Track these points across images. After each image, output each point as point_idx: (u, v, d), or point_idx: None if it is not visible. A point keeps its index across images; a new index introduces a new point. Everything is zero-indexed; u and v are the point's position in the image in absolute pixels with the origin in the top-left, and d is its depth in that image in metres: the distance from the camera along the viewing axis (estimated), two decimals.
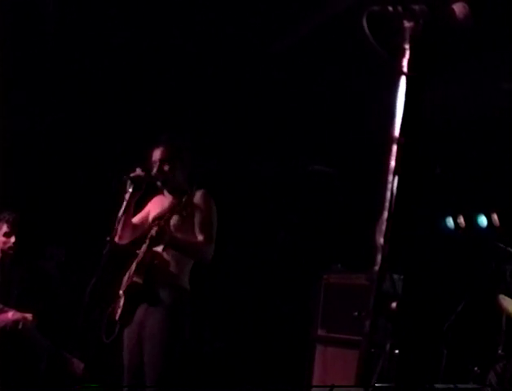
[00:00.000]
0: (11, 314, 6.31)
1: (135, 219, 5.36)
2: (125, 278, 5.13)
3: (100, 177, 6.12)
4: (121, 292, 5.08)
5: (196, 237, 5.06)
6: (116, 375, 5.16)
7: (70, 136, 7.69)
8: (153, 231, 4.95)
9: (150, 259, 4.97)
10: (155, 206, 5.38)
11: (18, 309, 6.38)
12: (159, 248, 5.00)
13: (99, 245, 5.00)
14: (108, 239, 4.94)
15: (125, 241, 5.28)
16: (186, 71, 7.38)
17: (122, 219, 5.11)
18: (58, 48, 7.01)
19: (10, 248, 6.54)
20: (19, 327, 6.25)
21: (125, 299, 5.03)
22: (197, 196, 5.13)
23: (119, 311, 5.04)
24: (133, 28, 6.84)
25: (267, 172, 8.53)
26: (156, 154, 5.22)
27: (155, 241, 4.95)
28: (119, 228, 5.15)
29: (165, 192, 5.30)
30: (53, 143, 7.68)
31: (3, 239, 6.53)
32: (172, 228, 4.99)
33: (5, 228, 6.53)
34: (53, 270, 7.32)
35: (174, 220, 4.98)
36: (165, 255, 5.01)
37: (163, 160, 5.18)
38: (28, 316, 6.34)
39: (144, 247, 5.03)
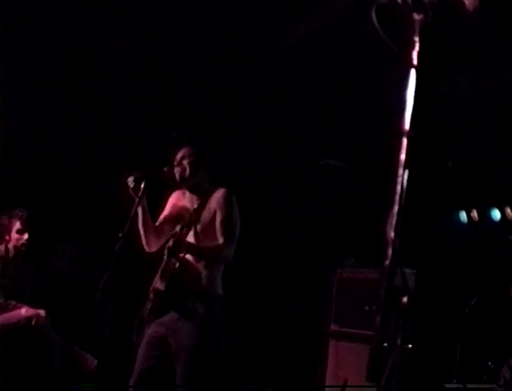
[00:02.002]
0: (24, 311, 6.33)
1: (157, 222, 5.39)
2: (155, 278, 5.13)
3: (112, 174, 6.11)
4: (151, 295, 5.10)
5: (217, 238, 5.07)
6: (130, 372, 5.16)
7: (82, 132, 7.70)
8: (170, 242, 4.95)
9: (172, 266, 4.96)
10: (174, 205, 5.38)
11: (31, 305, 6.40)
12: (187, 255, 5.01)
13: (111, 241, 5.00)
14: (121, 235, 4.94)
15: (154, 248, 5.29)
16: (188, 69, 7.38)
17: (142, 226, 5.16)
18: (58, 47, 7.03)
19: (23, 244, 6.56)
20: (33, 323, 6.27)
21: (152, 303, 5.04)
22: (218, 196, 5.13)
23: (147, 313, 5.06)
24: (134, 26, 6.85)
25: (279, 167, 8.51)
26: (179, 153, 5.23)
27: (172, 252, 4.95)
28: (143, 236, 5.20)
29: (186, 191, 5.30)
30: (64, 140, 7.68)
31: (16, 235, 6.55)
32: (192, 237, 5.00)
33: (18, 225, 6.55)
34: (65, 267, 7.33)
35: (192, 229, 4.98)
36: (192, 262, 5.03)
37: (183, 157, 5.19)
38: (41, 312, 6.36)
39: (166, 254, 5.04)
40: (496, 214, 8.34)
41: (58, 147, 7.67)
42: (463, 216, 8.64)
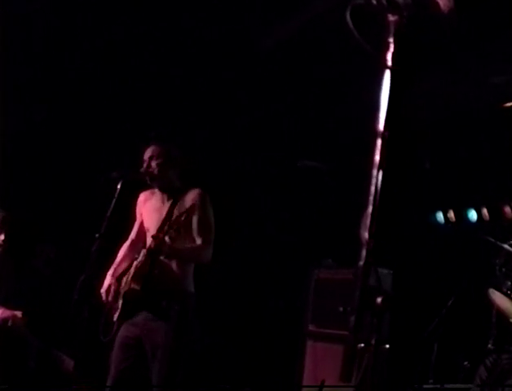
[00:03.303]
0: (0, 312, 6.29)
1: (133, 235, 5.41)
2: (125, 279, 5.11)
3: (89, 175, 6.09)
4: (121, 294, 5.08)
5: (194, 239, 5.06)
6: (107, 373, 5.15)
7: (58, 134, 7.66)
8: (152, 243, 4.93)
9: (150, 268, 4.94)
10: (148, 210, 5.36)
11: (7, 306, 6.36)
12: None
13: (89, 242, 4.99)
14: (97, 236, 4.93)
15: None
16: (173, 69, 7.37)
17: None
18: (50, 49, 7.01)
19: None
20: (9, 324, 6.25)
21: (123, 303, 5.02)
22: (193, 196, 5.11)
23: (117, 313, 5.03)
24: (122, 26, 6.84)
25: (255, 167, 8.52)
26: (148, 152, 5.21)
27: (153, 253, 4.92)
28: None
29: (156, 191, 5.28)
30: (41, 142, 7.64)
31: None
32: (169, 240, 4.96)
33: None
34: (43, 268, 7.28)
35: (171, 233, 4.95)
36: (166, 261, 5.01)
37: (152, 157, 5.17)
38: (18, 314, 6.33)
39: (143, 255, 5.01)
40: (473, 215, 8.38)
41: (35, 147, 7.63)
42: (440, 216, 8.68)
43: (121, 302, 5.02)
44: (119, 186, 5.03)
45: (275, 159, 8.49)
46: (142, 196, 5.41)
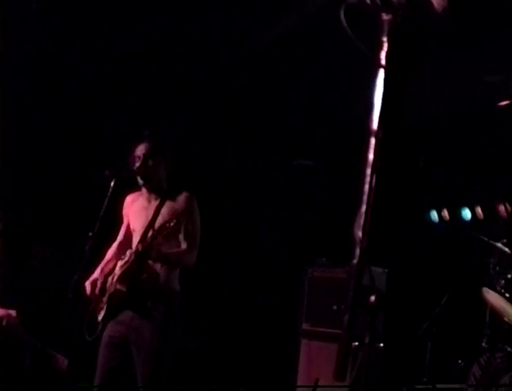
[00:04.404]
0: None
1: (121, 236, 5.38)
2: (110, 279, 5.09)
3: (82, 174, 6.08)
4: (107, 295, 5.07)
5: (180, 243, 5.04)
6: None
7: (52, 134, 7.65)
8: (139, 246, 4.92)
9: (137, 271, 4.94)
10: (135, 210, 5.33)
11: (2, 305, 6.35)
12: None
13: (82, 241, 4.98)
14: (91, 234, 4.92)
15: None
16: (169, 68, 7.37)
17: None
18: (46, 49, 7.00)
19: None
20: (3, 323, 6.23)
21: (108, 304, 5.01)
22: (181, 199, 5.10)
23: (102, 313, 5.02)
24: (120, 25, 6.83)
25: (251, 166, 8.52)
26: (140, 149, 5.17)
27: (141, 257, 4.92)
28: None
29: (144, 189, 5.26)
30: (36, 141, 7.63)
31: None
32: (156, 244, 4.95)
33: None
34: (38, 267, 7.28)
35: (158, 238, 4.93)
36: (151, 263, 4.99)
37: (147, 155, 5.14)
38: (12, 313, 6.31)
39: (129, 256, 5.00)
40: (467, 213, 8.39)
41: (30, 148, 7.62)
42: (434, 215, 8.69)
43: (105, 302, 5.01)
44: (112, 185, 5.02)
45: (270, 158, 8.50)
46: (129, 198, 5.38)
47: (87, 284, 5.08)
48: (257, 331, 8.48)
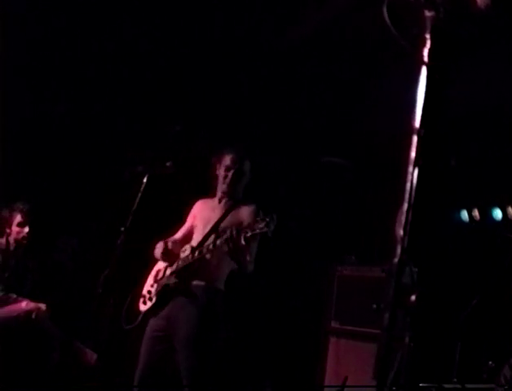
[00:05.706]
0: (24, 304, 6.32)
1: (179, 234, 5.36)
2: (168, 271, 5.12)
3: (114, 168, 6.09)
4: (153, 288, 5.08)
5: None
6: (129, 367, 5.15)
7: (84, 125, 7.68)
8: (180, 263, 4.97)
9: (194, 269, 4.96)
10: (202, 208, 5.32)
11: (31, 299, 6.39)
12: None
13: (112, 236, 4.99)
14: (123, 229, 4.93)
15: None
16: (191, 67, 7.36)
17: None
18: (59, 40, 7.01)
19: (24, 237, 6.56)
20: (33, 316, 6.27)
21: (158, 296, 5.01)
22: (248, 211, 5.10)
23: (149, 304, 5.02)
24: (134, 22, 6.83)
25: (280, 164, 8.50)
26: (227, 159, 5.19)
27: (181, 278, 4.94)
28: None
29: (215, 200, 5.25)
30: (66, 134, 7.66)
31: (17, 229, 6.55)
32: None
33: (19, 218, 6.55)
34: (66, 261, 7.32)
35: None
36: (208, 257, 4.96)
37: (239, 170, 5.17)
38: (42, 306, 6.36)
39: (190, 252, 4.99)
40: (498, 213, 8.31)
41: (59, 140, 7.65)
42: (464, 215, 8.62)
43: (155, 293, 5.02)
44: (145, 180, 5.03)
45: (301, 156, 8.47)
46: (200, 201, 5.40)
47: (160, 244, 5.11)
48: (285, 328, 8.46)
